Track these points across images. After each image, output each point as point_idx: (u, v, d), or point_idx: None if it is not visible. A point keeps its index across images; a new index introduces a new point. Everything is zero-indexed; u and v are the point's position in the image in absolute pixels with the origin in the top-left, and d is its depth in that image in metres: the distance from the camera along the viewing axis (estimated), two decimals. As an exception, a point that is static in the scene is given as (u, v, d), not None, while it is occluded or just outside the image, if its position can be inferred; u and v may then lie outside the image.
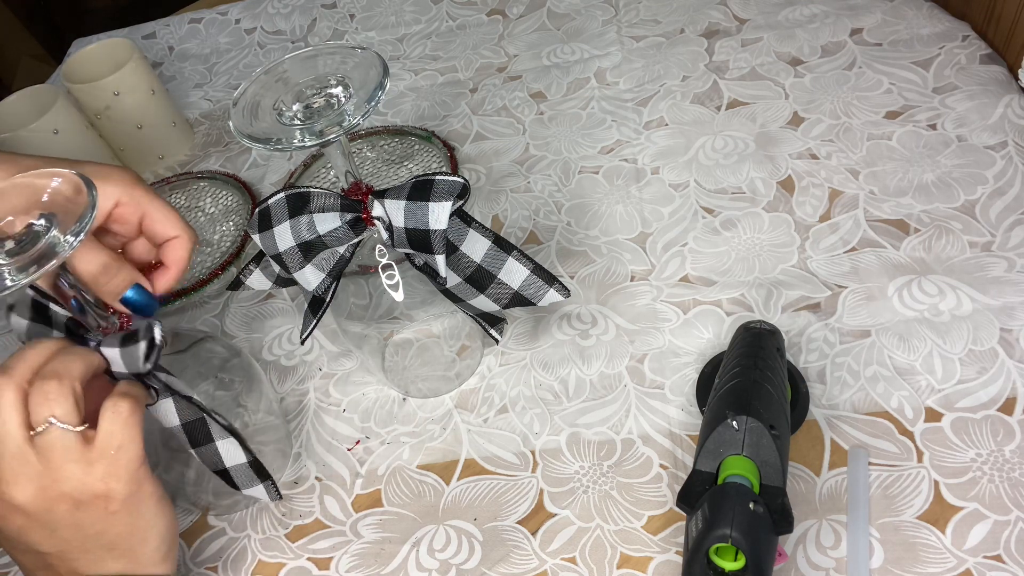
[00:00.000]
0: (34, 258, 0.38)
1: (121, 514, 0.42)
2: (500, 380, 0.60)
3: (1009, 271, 0.58)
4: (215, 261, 0.75)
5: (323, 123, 0.44)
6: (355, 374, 0.63)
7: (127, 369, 0.44)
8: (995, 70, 0.71)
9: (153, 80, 0.85)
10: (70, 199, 0.40)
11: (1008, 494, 0.47)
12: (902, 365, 0.54)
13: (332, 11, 1.03)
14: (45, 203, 0.40)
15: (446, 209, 0.45)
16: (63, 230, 0.39)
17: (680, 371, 0.57)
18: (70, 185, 0.40)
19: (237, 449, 0.48)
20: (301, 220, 0.47)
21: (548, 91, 0.83)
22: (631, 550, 0.50)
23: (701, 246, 0.65)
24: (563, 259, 0.67)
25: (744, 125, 0.73)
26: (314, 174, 0.81)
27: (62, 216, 0.39)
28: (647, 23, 0.88)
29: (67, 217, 0.39)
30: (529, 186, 0.74)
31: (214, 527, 0.57)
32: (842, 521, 0.48)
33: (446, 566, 0.52)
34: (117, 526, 0.42)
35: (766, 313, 0.59)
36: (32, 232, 0.39)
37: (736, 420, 0.46)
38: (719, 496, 0.43)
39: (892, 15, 0.80)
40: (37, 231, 0.39)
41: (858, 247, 0.62)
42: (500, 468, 0.55)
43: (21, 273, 0.38)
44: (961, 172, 0.65)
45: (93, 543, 0.42)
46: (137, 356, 0.43)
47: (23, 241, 0.39)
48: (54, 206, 0.40)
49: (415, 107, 0.86)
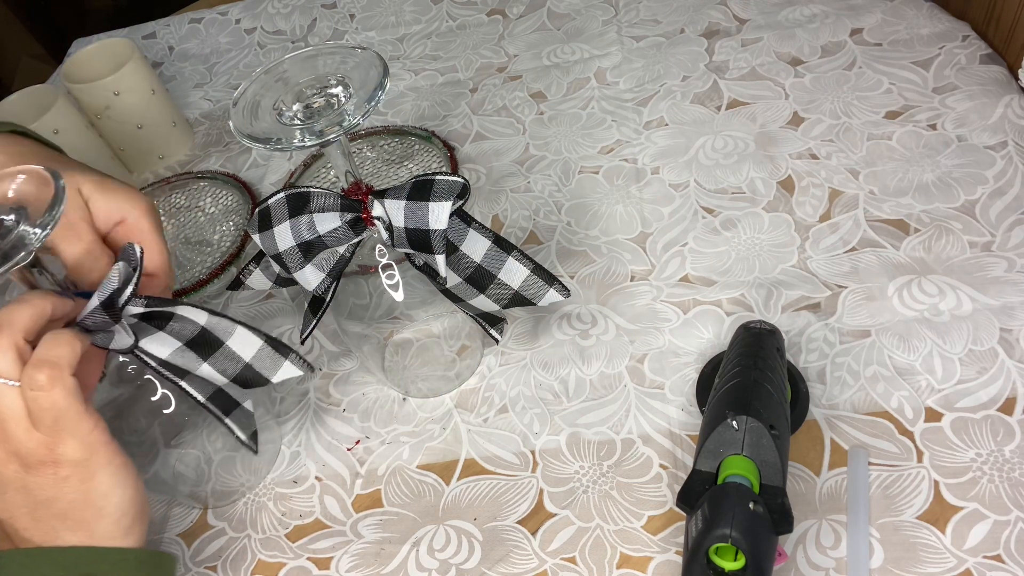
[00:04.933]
0: (4, 251, 0.39)
1: (72, 480, 0.40)
2: (500, 380, 0.60)
3: (1009, 271, 0.58)
4: (215, 261, 0.75)
5: (323, 123, 0.44)
6: (355, 374, 0.63)
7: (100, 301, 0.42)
8: (995, 70, 0.71)
9: (153, 80, 0.85)
10: (39, 193, 0.40)
11: (1008, 494, 0.48)
12: (902, 365, 0.54)
13: (332, 11, 1.03)
14: (12, 199, 0.40)
15: (446, 209, 0.45)
16: (32, 223, 0.39)
17: (680, 371, 0.57)
18: (38, 179, 0.40)
19: (249, 335, 0.47)
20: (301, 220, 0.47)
21: (548, 91, 0.83)
22: (631, 550, 0.50)
23: (701, 246, 0.65)
24: (563, 259, 0.67)
25: (744, 125, 0.73)
26: (314, 174, 0.81)
27: (33, 210, 0.40)
28: (647, 23, 0.88)
29: (37, 211, 0.39)
30: (529, 186, 0.74)
31: (214, 527, 0.57)
32: (842, 521, 0.48)
33: (446, 566, 0.52)
34: (68, 493, 0.40)
35: (766, 313, 0.59)
36: (3, 227, 0.39)
37: (736, 420, 0.46)
38: (719, 496, 0.43)
39: (892, 15, 0.80)
40: (8, 226, 0.39)
41: (858, 247, 0.62)
42: (500, 468, 0.55)
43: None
44: (961, 172, 0.65)
45: (44, 511, 0.40)
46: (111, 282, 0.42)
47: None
48: (24, 201, 0.40)
49: (415, 107, 0.86)
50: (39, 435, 0.39)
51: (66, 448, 0.40)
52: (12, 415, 0.39)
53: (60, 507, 0.40)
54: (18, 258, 0.38)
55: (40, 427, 0.39)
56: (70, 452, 0.40)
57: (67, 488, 0.40)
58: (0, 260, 0.38)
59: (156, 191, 0.84)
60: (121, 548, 0.42)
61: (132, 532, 0.43)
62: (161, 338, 0.45)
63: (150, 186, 0.85)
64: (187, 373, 0.47)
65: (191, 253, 0.77)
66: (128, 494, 0.42)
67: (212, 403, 0.49)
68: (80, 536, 0.41)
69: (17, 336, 0.39)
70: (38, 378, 0.38)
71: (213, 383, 0.48)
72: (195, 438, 0.55)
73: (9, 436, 0.39)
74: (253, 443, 0.51)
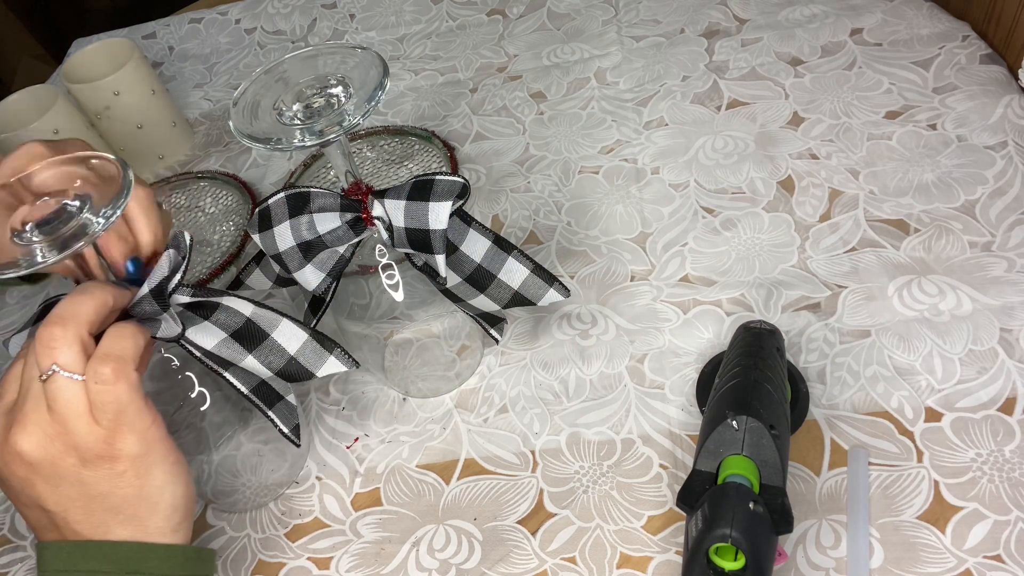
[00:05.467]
0: (66, 237, 0.39)
1: (128, 475, 0.40)
2: (500, 380, 0.60)
3: (1009, 271, 0.58)
4: (215, 261, 0.75)
5: (323, 123, 0.44)
6: (355, 374, 0.63)
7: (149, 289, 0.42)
8: (995, 70, 0.71)
9: (153, 80, 0.85)
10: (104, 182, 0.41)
11: (1008, 494, 0.47)
12: (902, 365, 0.54)
13: (332, 11, 1.03)
14: (79, 186, 0.41)
15: (446, 209, 0.45)
16: (95, 212, 0.39)
17: (680, 371, 0.57)
18: (107, 168, 0.41)
19: (295, 327, 0.46)
20: (301, 220, 0.47)
21: (548, 91, 0.83)
22: (631, 550, 0.50)
23: (701, 246, 0.65)
24: (563, 259, 0.67)
25: (744, 125, 0.73)
26: (314, 174, 0.81)
27: (96, 198, 0.40)
28: (647, 23, 0.88)
29: (101, 199, 0.40)
30: (529, 186, 0.74)
31: (214, 526, 0.57)
32: (842, 521, 0.48)
33: (446, 566, 0.52)
34: (123, 488, 0.40)
35: (766, 313, 0.59)
36: (66, 212, 0.40)
37: (736, 420, 0.46)
38: (719, 496, 0.43)
39: (892, 15, 0.80)
40: (71, 211, 0.40)
41: (858, 247, 0.62)
42: (500, 468, 0.55)
43: (52, 251, 0.38)
44: (961, 172, 0.65)
45: (98, 505, 0.40)
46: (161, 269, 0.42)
47: (55, 221, 0.39)
48: (88, 188, 0.41)
49: (415, 107, 0.86)
50: (99, 429, 0.39)
51: (125, 443, 0.39)
52: (74, 409, 0.38)
53: (113, 501, 0.40)
54: (78, 246, 0.38)
55: (102, 421, 0.39)
56: (128, 447, 0.40)
57: (122, 483, 0.40)
58: (60, 247, 0.38)
59: (156, 191, 0.84)
60: (168, 544, 0.42)
61: (181, 528, 0.43)
62: (207, 328, 0.45)
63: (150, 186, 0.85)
64: (231, 365, 0.46)
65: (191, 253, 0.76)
66: (180, 490, 0.42)
67: (255, 395, 0.48)
68: (131, 531, 0.41)
69: (82, 329, 0.39)
70: (103, 372, 0.38)
71: (257, 375, 0.47)
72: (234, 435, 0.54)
73: (70, 430, 0.39)
74: (296, 436, 0.50)
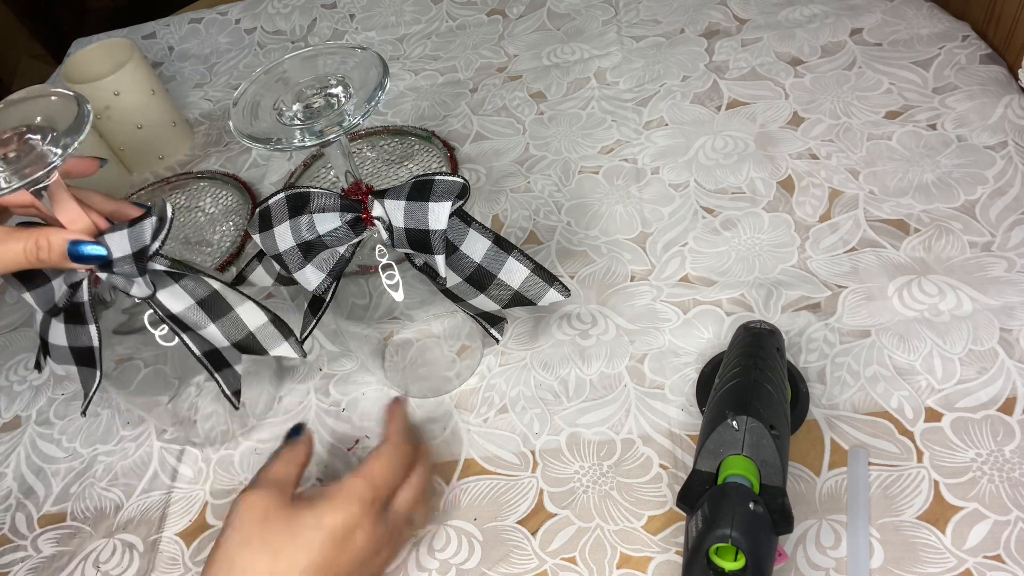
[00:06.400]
0: (27, 166, 0.41)
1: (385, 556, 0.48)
2: (500, 380, 0.60)
3: (1009, 271, 0.58)
4: (215, 261, 0.75)
5: (323, 123, 0.44)
6: (355, 374, 0.63)
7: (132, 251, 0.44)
8: (995, 70, 0.71)
9: (153, 80, 0.85)
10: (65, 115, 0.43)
11: (1008, 494, 0.48)
12: (902, 365, 0.54)
13: (332, 11, 1.03)
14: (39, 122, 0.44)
15: (446, 209, 0.45)
16: (55, 143, 0.42)
17: (680, 371, 0.57)
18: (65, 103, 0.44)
19: (257, 311, 0.50)
20: (301, 220, 0.47)
21: (548, 91, 0.83)
22: (631, 550, 0.50)
23: (701, 246, 0.65)
24: (563, 259, 0.67)
25: (744, 125, 0.73)
26: (314, 174, 0.81)
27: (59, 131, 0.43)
28: (647, 23, 0.88)
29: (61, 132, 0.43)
30: (529, 186, 0.74)
31: (213, 526, 0.57)
32: (842, 521, 0.48)
33: (446, 566, 0.52)
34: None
35: (766, 313, 0.59)
36: (28, 146, 0.42)
37: (736, 420, 0.46)
38: (719, 496, 0.43)
39: (892, 15, 0.80)
40: (32, 145, 0.42)
41: (858, 247, 0.62)
42: (500, 468, 0.55)
43: (15, 178, 0.41)
44: (961, 172, 0.65)
45: None
46: (144, 235, 0.45)
47: (19, 155, 0.42)
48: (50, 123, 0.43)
49: (415, 107, 0.86)
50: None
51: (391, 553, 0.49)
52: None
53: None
54: (37, 176, 0.41)
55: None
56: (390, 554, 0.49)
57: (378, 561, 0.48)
58: (20, 178, 0.41)
59: (156, 191, 0.84)
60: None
61: None
62: (177, 292, 0.48)
63: (150, 186, 0.85)
64: (190, 329, 0.49)
65: (191, 253, 0.77)
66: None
67: (206, 358, 0.51)
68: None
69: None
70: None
71: (211, 342, 0.51)
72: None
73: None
74: (236, 399, 0.53)
